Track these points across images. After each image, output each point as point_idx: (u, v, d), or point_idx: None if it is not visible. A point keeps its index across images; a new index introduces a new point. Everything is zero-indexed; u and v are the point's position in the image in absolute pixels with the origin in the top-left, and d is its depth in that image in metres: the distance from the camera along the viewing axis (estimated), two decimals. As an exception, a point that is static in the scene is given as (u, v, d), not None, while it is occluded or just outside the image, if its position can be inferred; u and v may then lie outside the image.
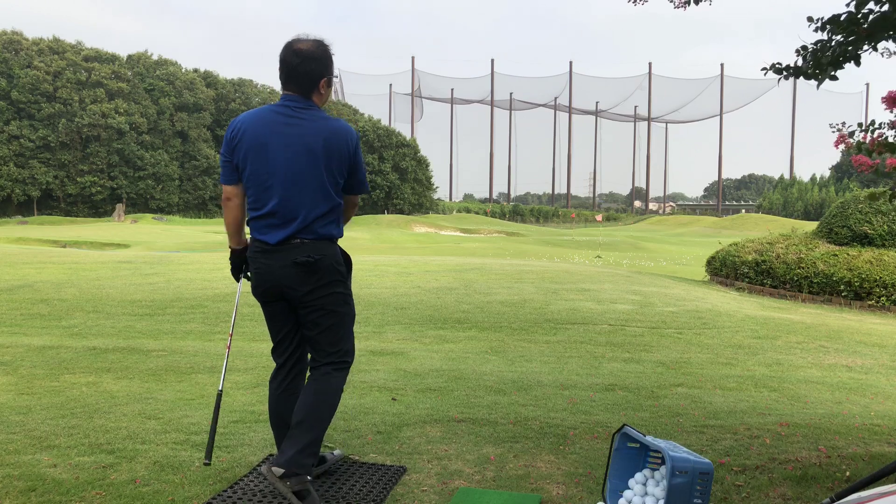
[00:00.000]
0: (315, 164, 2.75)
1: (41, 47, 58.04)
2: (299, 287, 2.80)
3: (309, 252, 2.78)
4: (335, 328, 2.89)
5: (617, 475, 2.82)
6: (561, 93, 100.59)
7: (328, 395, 2.84)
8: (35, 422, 3.94)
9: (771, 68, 3.37)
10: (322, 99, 2.87)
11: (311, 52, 2.77)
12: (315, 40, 2.81)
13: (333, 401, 2.87)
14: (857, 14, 3.03)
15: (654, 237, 46.23)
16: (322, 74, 2.80)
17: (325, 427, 2.82)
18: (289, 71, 2.77)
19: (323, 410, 2.81)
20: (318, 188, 2.77)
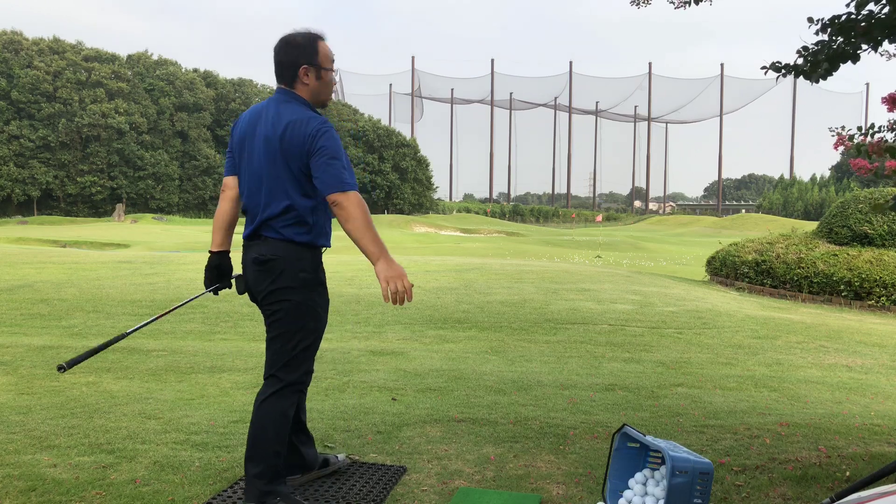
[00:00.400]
0: (272, 158, 2.61)
1: (41, 47, 58.06)
2: (256, 286, 2.73)
3: (265, 250, 2.66)
4: (280, 340, 2.68)
5: (617, 475, 2.82)
6: (561, 93, 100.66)
7: (263, 420, 2.65)
8: (35, 422, 3.93)
9: (771, 67, 3.38)
10: (309, 91, 2.69)
11: (291, 38, 2.68)
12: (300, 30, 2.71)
13: (273, 428, 2.64)
14: (857, 15, 3.04)
15: (654, 237, 46.23)
16: (298, 62, 2.65)
17: (268, 453, 2.63)
18: (273, 61, 2.72)
19: (259, 437, 2.64)
20: (274, 184, 2.62)
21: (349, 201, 2.51)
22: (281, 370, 2.68)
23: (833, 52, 3.16)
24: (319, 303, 2.72)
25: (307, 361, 2.73)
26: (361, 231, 2.51)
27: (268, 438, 2.64)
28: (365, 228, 2.52)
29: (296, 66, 2.66)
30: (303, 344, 2.68)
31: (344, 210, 2.51)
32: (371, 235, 2.52)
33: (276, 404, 2.66)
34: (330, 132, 2.59)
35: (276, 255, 2.64)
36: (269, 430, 2.64)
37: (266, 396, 2.67)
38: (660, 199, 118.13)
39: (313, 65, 2.67)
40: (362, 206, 2.54)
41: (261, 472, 2.64)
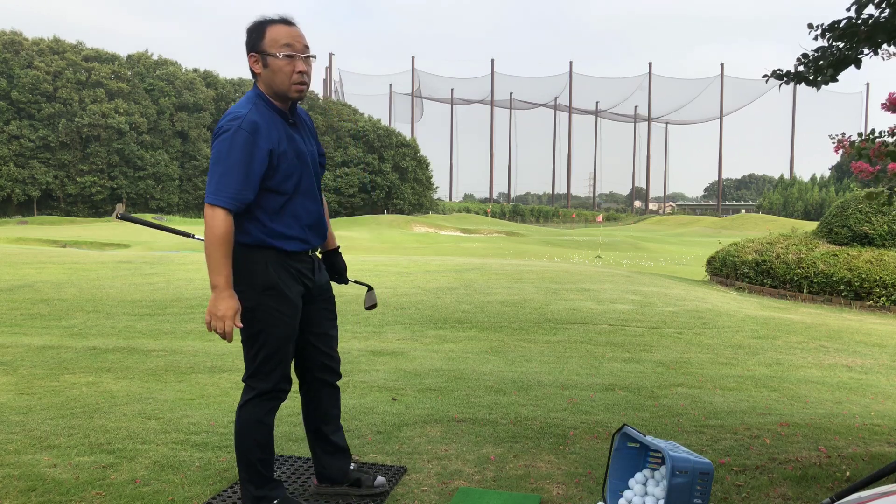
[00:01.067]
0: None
1: (41, 47, 58.06)
2: None
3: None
4: (245, 346, 2.62)
5: (617, 475, 2.82)
6: (561, 93, 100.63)
7: (241, 428, 2.62)
8: (35, 422, 3.94)
9: (773, 75, 3.38)
10: (262, 81, 2.52)
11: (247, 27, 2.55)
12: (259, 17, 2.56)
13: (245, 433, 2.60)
14: (857, 20, 3.04)
15: (654, 237, 46.23)
16: (247, 51, 2.53)
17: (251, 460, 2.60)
18: None
19: (240, 445, 2.62)
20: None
21: (208, 217, 2.40)
22: (251, 378, 2.62)
23: (836, 59, 3.16)
24: (279, 307, 2.55)
25: (277, 369, 2.60)
26: (207, 252, 2.41)
27: (247, 446, 2.61)
28: (211, 250, 2.40)
29: (248, 56, 2.53)
30: (265, 351, 2.56)
31: (206, 225, 2.41)
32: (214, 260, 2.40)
33: (252, 412, 2.61)
34: (226, 134, 2.40)
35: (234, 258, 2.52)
36: (248, 439, 2.61)
37: (241, 404, 2.65)
38: (660, 199, 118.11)
39: (257, 51, 2.49)
40: (217, 227, 2.38)
41: (249, 479, 2.63)
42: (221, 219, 2.39)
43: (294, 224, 2.57)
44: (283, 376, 2.64)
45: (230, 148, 2.39)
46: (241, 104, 2.51)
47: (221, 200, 2.38)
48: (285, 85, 2.50)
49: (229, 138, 2.39)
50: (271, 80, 2.50)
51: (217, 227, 2.38)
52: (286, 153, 2.51)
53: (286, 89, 2.51)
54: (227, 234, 2.40)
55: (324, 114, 70.70)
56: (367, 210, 66.59)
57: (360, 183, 69.15)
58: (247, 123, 2.42)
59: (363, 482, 2.88)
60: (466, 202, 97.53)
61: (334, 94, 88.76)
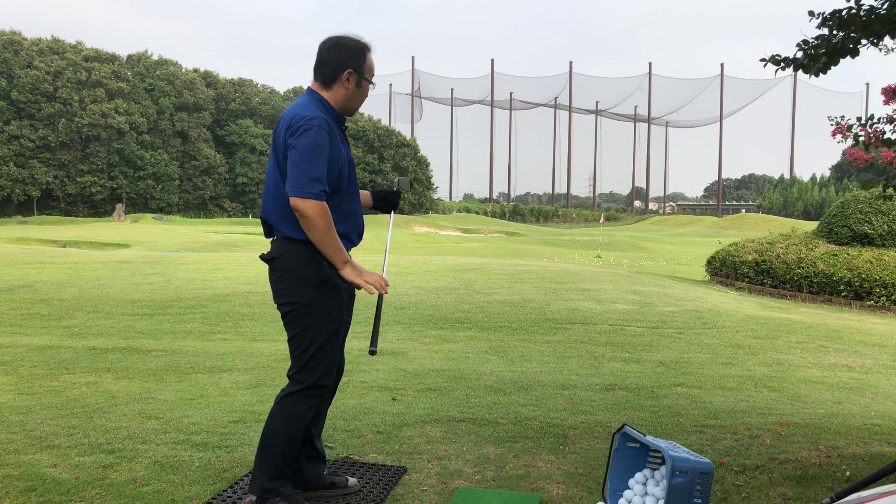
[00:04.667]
0: (271, 150, 2.66)
1: (41, 47, 58.05)
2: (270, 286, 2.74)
3: (271, 249, 2.67)
4: (294, 342, 2.67)
5: (617, 475, 2.82)
6: (561, 92, 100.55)
7: (277, 417, 2.66)
8: (35, 422, 3.94)
9: (770, 60, 3.39)
10: (345, 96, 2.67)
11: (342, 40, 2.68)
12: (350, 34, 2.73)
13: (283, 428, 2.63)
14: (858, 10, 3.05)
15: (654, 237, 46.23)
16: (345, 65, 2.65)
17: (275, 451, 2.63)
18: (316, 58, 2.71)
19: (270, 434, 2.65)
20: (274, 182, 2.64)
21: (308, 209, 2.47)
22: (299, 372, 2.66)
23: (833, 47, 3.17)
24: (328, 302, 2.64)
25: (323, 364, 2.67)
26: (323, 242, 2.53)
27: (277, 436, 2.64)
28: (326, 240, 2.52)
29: (341, 69, 2.65)
30: (314, 346, 2.64)
31: (303, 218, 2.50)
32: (333, 245, 2.54)
33: (293, 406, 2.65)
34: (310, 131, 2.50)
35: (280, 253, 2.63)
36: (280, 429, 2.64)
37: (284, 395, 2.68)
38: (660, 199, 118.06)
39: (357, 71, 2.67)
40: (322, 217, 2.49)
41: (266, 467, 2.64)
42: (322, 209, 2.49)
43: (343, 223, 2.70)
44: (328, 371, 2.70)
45: (313, 144, 2.50)
46: (309, 106, 2.60)
47: (311, 194, 2.47)
48: (358, 105, 2.75)
49: (312, 135, 2.50)
50: (352, 98, 2.70)
51: (322, 217, 2.49)
52: (342, 156, 2.66)
53: (353, 108, 2.74)
54: (330, 221, 2.53)
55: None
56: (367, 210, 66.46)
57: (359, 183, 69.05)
58: (325, 123, 2.55)
59: (338, 484, 2.92)
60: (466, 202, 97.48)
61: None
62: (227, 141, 66.23)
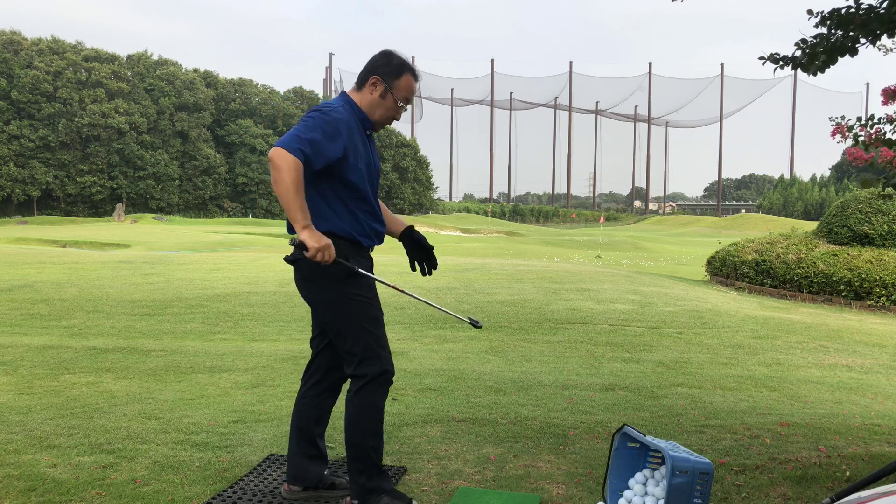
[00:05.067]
0: None
1: (41, 47, 58.03)
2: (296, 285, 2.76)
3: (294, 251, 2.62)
4: (339, 339, 2.68)
5: (617, 475, 2.82)
6: (561, 93, 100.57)
7: (354, 416, 2.67)
8: (35, 422, 3.94)
9: (769, 58, 3.39)
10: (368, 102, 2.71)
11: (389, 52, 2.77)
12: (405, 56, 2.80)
13: (359, 421, 2.66)
14: (857, 9, 3.06)
15: (654, 237, 46.23)
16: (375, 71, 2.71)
17: (365, 448, 2.65)
18: None
19: (354, 434, 2.66)
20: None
21: (281, 159, 2.42)
22: (359, 367, 2.66)
23: (831, 45, 3.17)
24: (359, 292, 2.66)
25: (380, 351, 2.67)
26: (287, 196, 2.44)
27: (362, 434, 2.65)
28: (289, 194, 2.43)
29: (371, 73, 2.72)
30: (362, 337, 2.64)
31: (274, 169, 2.44)
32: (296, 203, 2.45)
33: (365, 398, 2.66)
34: (320, 111, 2.58)
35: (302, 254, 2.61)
36: (362, 426, 2.65)
37: (354, 392, 2.68)
38: (660, 199, 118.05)
39: (385, 81, 2.70)
40: (290, 170, 2.42)
41: (361, 468, 2.66)
42: (295, 164, 2.44)
43: (366, 221, 2.74)
44: (385, 356, 2.70)
45: (317, 120, 2.55)
46: (335, 102, 2.69)
47: (293, 149, 2.45)
48: (379, 118, 2.75)
49: (320, 115, 2.57)
50: (374, 106, 2.72)
51: (291, 171, 2.43)
52: (361, 154, 2.68)
53: (376, 120, 2.75)
54: (300, 178, 2.46)
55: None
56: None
57: (360, 183, 69.09)
58: (340, 114, 2.61)
59: (338, 486, 2.92)
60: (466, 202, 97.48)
61: (334, 94, 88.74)
62: (227, 141, 66.23)
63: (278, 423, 3.99)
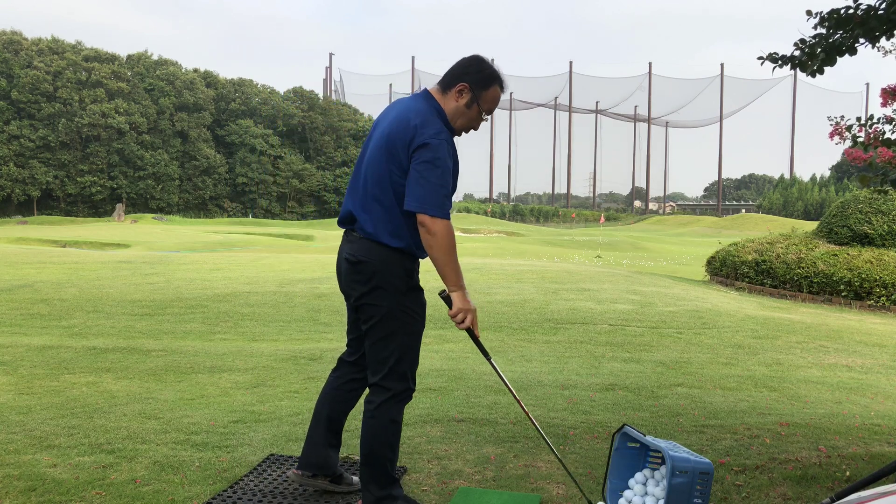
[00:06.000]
0: (379, 152, 2.57)
1: (41, 47, 58.04)
2: (349, 287, 2.69)
3: (357, 250, 2.61)
4: (378, 347, 2.63)
5: (617, 475, 2.82)
6: (561, 92, 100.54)
7: (375, 429, 2.64)
8: (35, 422, 3.94)
9: (768, 58, 3.39)
10: (452, 108, 2.61)
11: (481, 60, 2.69)
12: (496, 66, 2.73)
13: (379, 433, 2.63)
14: (856, 9, 3.06)
15: (654, 237, 46.23)
16: (465, 78, 2.61)
17: (381, 460, 2.64)
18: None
19: (372, 446, 2.64)
20: (375, 180, 2.56)
21: (438, 228, 2.47)
22: (386, 379, 2.63)
23: (830, 45, 3.17)
24: (414, 307, 2.66)
25: (409, 368, 2.66)
26: (445, 261, 2.53)
27: (381, 446, 2.63)
28: (450, 259, 2.52)
29: (459, 79, 2.62)
30: (400, 350, 2.63)
31: (431, 236, 2.48)
32: (454, 266, 2.54)
33: (387, 413, 2.64)
34: (441, 147, 2.48)
35: (369, 258, 2.59)
36: (382, 439, 2.64)
37: (377, 406, 2.64)
38: (660, 199, 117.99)
39: (473, 91, 2.61)
40: (449, 237, 2.50)
41: (374, 478, 2.65)
42: (450, 228, 2.51)
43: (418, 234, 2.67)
44: (413, 375, 2.70)
45: (444, 162, 2.50)
46: (432, 115, 2.57)
47: (444, 213, 2.49)
48: (459, 126, 2.66)
49: (444, 152, 2.50)
50: (457, 114, 2.63)
51: (449, 237, 2.51)
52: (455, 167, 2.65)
53: (456, 127, 2.65)
54: (454, 240, 2.54)
55: (324, 114, 70.67)
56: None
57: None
58: (450, 138, 2.56)
59: (344, 479, 2.95)
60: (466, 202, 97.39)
61: (334, 94, 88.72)
62: (227, 141, 66.22)
63: (278, 423, 3.99)
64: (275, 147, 66.41)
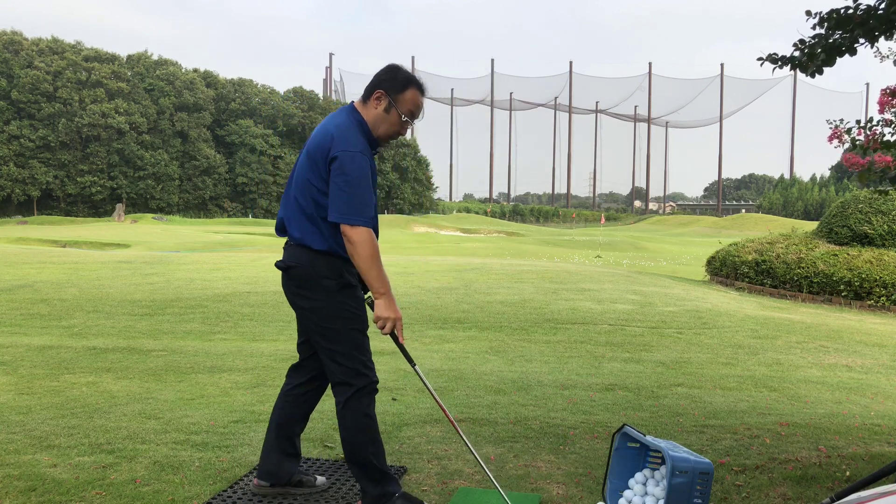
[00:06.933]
0: (304, 164, 2.67)
1: (41, 47, 58.03)
2: (285, 292, 2.77)
3: (287, 257, 2.71)
4: (327, 349, 2.70)
5: (617, 475, 2.82)
6: (561, 93, 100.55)
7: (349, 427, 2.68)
8: (35, 422, 3.94)
9: (768, 58, 3.39)
10: (372, 116, 2.70)
11: (395, 66, 2.78)
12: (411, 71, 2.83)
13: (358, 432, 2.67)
14: (856, 9, 3.06)
15: (654, 237, 46.22)
16: (380, 85, 2.70)
17: (366, 456, 2.67)
18: None
19: (352, 444, 2.69)
20: (300, 190, 2.67)
21: (357, 236, 2.55)
22: (344, 376, 2.68)
23: (830, 46, 3.17)
24: (351, 304, 2.69)
25: (364, 360, 2.70)
26: (367, 267, 2.57)
27: (361, 443, 2.67)
28: (371, 266, 2.57)
29: (376, 87, 2.70)
30: (350, 346, 2.67)
31: (352, 244, 2.56)
32: (376, 273, 2.58)
33: (356, 408, 2.67)
34: (356, 159, 2.56)
35: (299, 262, 2.66)
36: (359, 435, 2.67)
37: (343, 404, 2.68)
38: (660, 199, 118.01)
39: (389, 95, 2.69)
40: (369, 244, 2.56)
41: (366, 475, 2.67)
42: (370, 236, 2.58)
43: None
44: (371, 368, 2.73)
45: (359, 172, 2.57)
46: (351, 129, 2.64)
47: (362, 220, 2.56)
48: (384, 133, 2.73)
49: (357, 163, 2.57)
50: (378, 122, 2.70)
51: (369, 244, 2.57)
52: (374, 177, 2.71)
53: (381, 135, 2.73)
54: (376, 247, 2.61)
55: (324, 114, 70.63)
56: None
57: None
58: (366, 150, 2.63)
59: (305, 483, 2.94)
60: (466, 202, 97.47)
61: (334, 95, 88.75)
62: (227, 141, 66.22)
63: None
64: (275, 147, 66.39)
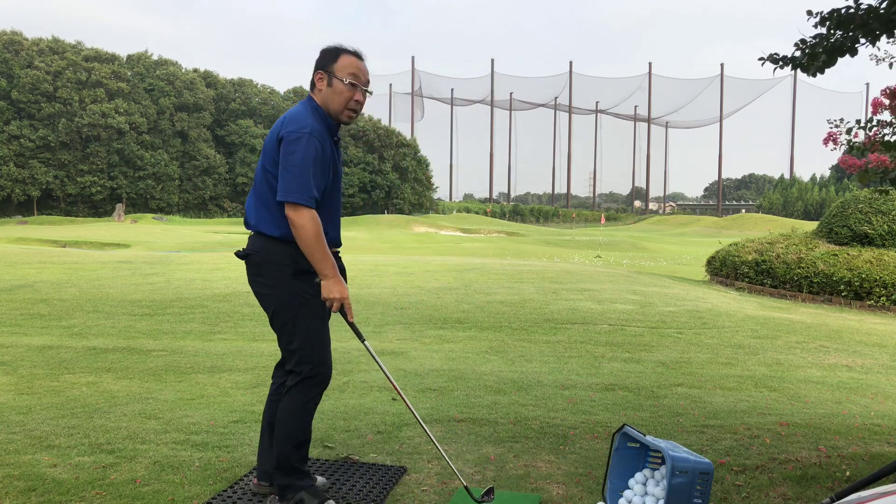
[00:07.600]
0: (263, 153, 2.74)
1: (41, 47, 58.00)
2: (249, 282, 2.80)
3: (247, 245, 2.76)
4: (284, 335, 2.72)
5: (617, 475, 2.82)
6: (561, 93, 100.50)
7: (283, 413, 2.71)
8: (35, 422, 3.94)
9: (769, 59, 3.39)
10: (321, 98, 2.73)
11: (323, 48, 2.80)
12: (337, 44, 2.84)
13: (290, 421, 2.69)
14: (857, 9, 3.06)
15: (654, 237, 46.21)
16: (317, 67, 2.76)
17: (287, 446, 2.68)
18: None
19: (280, 430, 2.70)
20: (259, 178, 2.73)
21: (299, 216, 2.55)
22: (297, 364, 2.70)
23: (831, 46, 3.17)
24: (306, 290, 2.69)
25: (317, 349, 2.71)
26: (310, 248, 2.58)
27: (287, 431, 2.69)
28: (314, 245, 2.57)
29: (315, 72, 2.76)
30: (303, 334, 2.69)
31: (294, 224, 2.57)
32: (319, 253, 2.58)
33: (296, 397, 2.70)
34: (301, 139, 2.57)
35: (255, 249, 2.71)
36: (288, 423, 2.69)
37: (286, 390, 2.72)
38: (660, 199, 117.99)
39: (326, 70, 2.72)
40: (310, 223, 2.55)
41: (280, 464, 2.70)
42: (311, 215, 2.57)
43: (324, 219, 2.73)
44: (324, 358, 2.74)
45: (304, 152, 2.57)
46: (304, 113, 2.67)
47: (304, 199, 2.55)
48: (340, 107, 2.73)
49: (303, 143, 2.58)
50: (330, 100, 2.72)
51: (311, 225, 2.57)
52: (329, 161, 2.70)
53: (339, 112, 2.74)
54: (320, 228, 2.59)
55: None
56: (367, 210, 66.55)
57: (359, 183, 69.11)
58: (316, 131, 2.62)
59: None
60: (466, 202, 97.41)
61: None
62: (227, 141, 66.21)
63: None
64: (275, 147, 66.37)
